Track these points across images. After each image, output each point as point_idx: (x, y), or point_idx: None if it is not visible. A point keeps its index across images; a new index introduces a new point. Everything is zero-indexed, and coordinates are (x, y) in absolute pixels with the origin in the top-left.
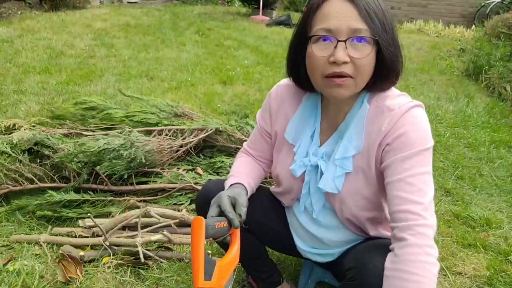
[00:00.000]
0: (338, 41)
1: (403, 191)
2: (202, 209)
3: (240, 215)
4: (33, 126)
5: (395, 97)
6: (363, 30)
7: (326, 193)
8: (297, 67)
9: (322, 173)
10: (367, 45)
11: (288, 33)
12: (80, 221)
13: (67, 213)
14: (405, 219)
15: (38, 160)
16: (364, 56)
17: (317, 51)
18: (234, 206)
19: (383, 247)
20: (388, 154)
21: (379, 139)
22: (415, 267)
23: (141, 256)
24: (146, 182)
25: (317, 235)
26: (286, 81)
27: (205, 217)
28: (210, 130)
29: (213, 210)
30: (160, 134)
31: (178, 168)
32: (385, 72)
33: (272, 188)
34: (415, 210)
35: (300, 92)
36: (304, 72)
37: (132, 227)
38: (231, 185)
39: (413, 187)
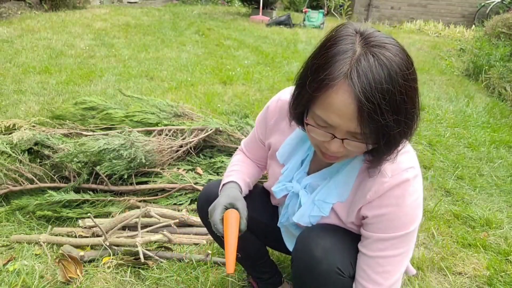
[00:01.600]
0: (335, 137)
1: (370, 269)
2: (203, 210)
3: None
4: (33, 126)
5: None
6: (362, 135)
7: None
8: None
9: (301, 204)
10: (364, 144)
11: (288, 33)
12: (80, 221)
13: (67, 213)
14: None
15: (38, 160)
16: (359, 150)
17: (313, 132)
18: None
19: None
20: (368, 227)
21: (360, 204)
22: None
23: (141, 256)
24: (146, 182)
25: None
26: (287, 96)
27: (207, 218)
28: (210, 130)
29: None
30: (160, 134)
31: (178, 168)
32: (382, 159)
33: (265, 184)
34: None
35: None
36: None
37: (132, 227)
38: (224, 184)
39: (380, 267)
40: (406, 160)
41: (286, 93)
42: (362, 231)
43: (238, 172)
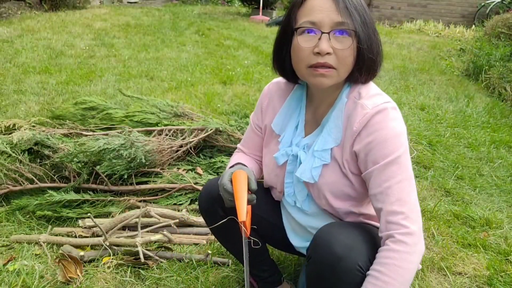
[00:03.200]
0: (322, 33)
1: (383, 203)
2: (205, 208)
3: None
4: (33, 126)
5: (371, 96)
6: (344, 23)
7: (306, 182)
8: (283, 60)
9: (301, 163)
10: (348, 38)
11: None
12: (80, 221)
13: (67, 213)
14: (387, 229)
15: (38, 160)
16: (345, 47)
17: (302, 42)
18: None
19: (344, 225)
20: (363, 164)
21: (351, 139)
22: (388, 269)
23: (141, 256)
24: (146, 182)
25: (305, 225)
26: (277, 79)
27: (211, 215)
28: (210, 130)
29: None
30: (160, 134)
31: (178, 168)
32: (365, 64)
33: (264, 182)
34: (395, 220)
35: (289, 87)
36: (289, 64)
37: (132, 227)
38: (230, 167)
39: (392, 197)
40: (382, 98)
41: (275, 78)
42: (364, 175)
43: (239, 160)
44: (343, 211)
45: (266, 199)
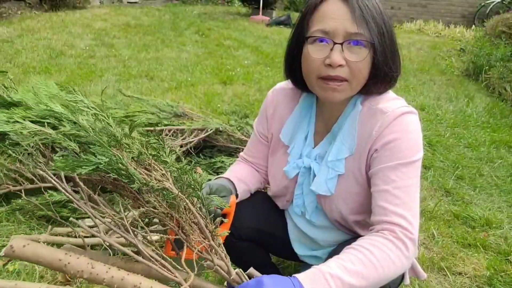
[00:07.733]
0: (335, 43)
1: (389, 203)
2: None
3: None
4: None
5: (388, 100)
6: (359, 33)
7: (318, 195)
8: (294, 68)
9: (315, 175)
10: (363, 49)
11: (288, 33)
12: (80, 221)
13: (67, 213)
14: (389, 228)
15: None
16: (360, 59)
17: (313, 52)
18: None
19: None
20: (375, 160)
21: (369, 143)
22: (380, 255)
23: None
24: None
25: (312, 236)
26: (282, 84)
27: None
28: (210, 130)
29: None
30: (160, 134)
31: None
32: (381, 76)
33: (268, 192)
34: (400, 223)
35: (296, 94)
36: (300, 73)
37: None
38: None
39: (398, 199)
40: (401, 102)
41: (279, 84)
42: (372, 171)
43: (230, 172)
44: (354, 221)
45: (268, 211)
